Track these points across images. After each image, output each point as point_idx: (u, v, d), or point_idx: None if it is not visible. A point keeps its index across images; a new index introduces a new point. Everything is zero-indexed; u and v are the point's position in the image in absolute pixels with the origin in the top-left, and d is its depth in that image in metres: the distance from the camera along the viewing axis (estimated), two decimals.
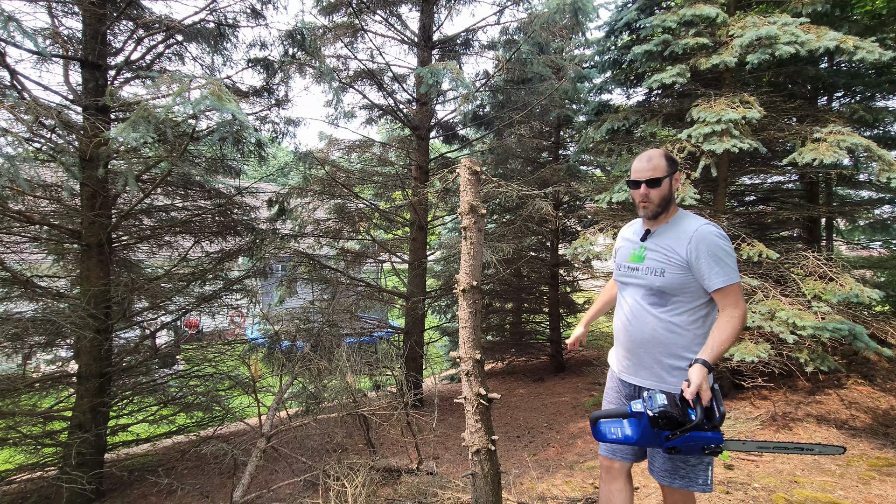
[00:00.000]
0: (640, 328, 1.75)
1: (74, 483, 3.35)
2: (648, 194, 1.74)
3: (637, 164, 1.77)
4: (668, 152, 1.77)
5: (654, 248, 1.76)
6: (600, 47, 6.08)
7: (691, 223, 1.74)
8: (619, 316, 1.87)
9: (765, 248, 4.27)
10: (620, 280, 1.89)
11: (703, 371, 1.51)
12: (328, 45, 6.22)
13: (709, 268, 1.64)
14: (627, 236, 1.93)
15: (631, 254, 1.84)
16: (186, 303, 4.83)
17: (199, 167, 4.80)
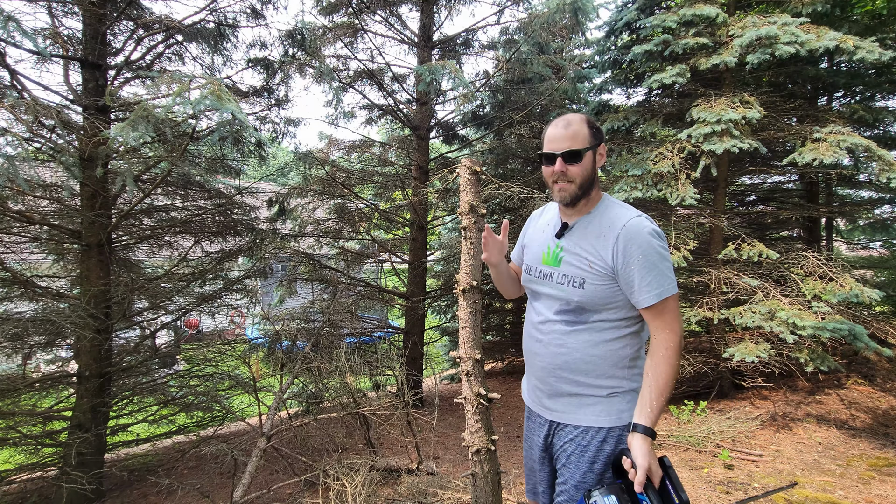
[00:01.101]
0: (554, 350, 1.38)
1: (74, 483, 3.35)
2: (567, 172, 1.33)
3: (552, 132, 1.36)
4: (591, 118, 1.38)
5: (573, 250, 1.37)
6: (600, 47, 6.08)
7: (618, 215, 1.35)
8: (529, 333, 1.49)
9: (765, 248, 4.27)
10: (529, 287, 1.50)
11: (646, 444, 1.20)
12: (328, 45, 6.22)
13: (640, 277, 1.28)
14: (539, 226, 1.54)
15: (544, 253, 1.45)
16: (186, 303, 4.83)
17: (199, 167, 4.80)
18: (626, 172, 4.79)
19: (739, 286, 4.51)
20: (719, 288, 4.73)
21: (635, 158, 4.78)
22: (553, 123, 1.38)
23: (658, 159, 4.61)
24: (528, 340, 1.50)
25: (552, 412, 1.43)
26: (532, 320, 1.48)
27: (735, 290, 4.57)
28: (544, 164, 1.39)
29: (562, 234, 1.42)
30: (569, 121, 1.35)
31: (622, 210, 1.37)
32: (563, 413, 1.40)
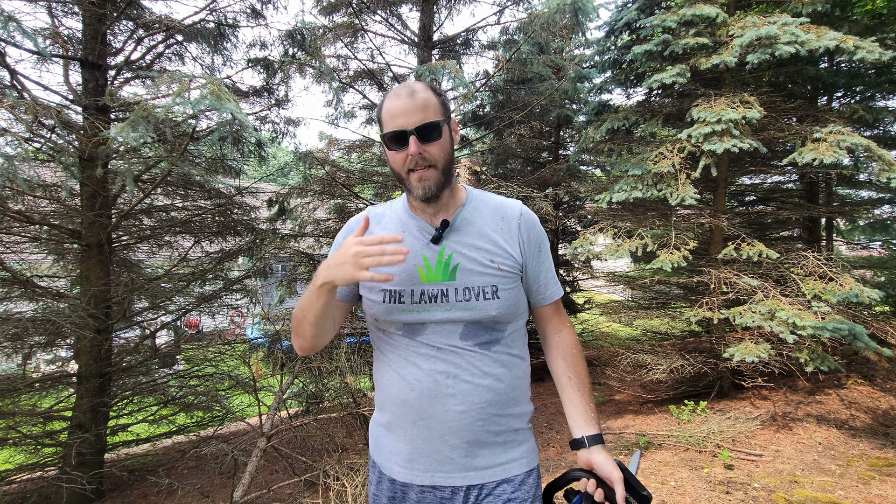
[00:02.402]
0: (479, 386, 1.04)
1: (74, 483, 3.35)
2: (425, 153, 1.02)
3: (394, 104, 1.02)
4: (432, 83, 1.11)
5: (469, 254, 1.07)
6: (600, 47, 6.08)
7: (503, 202, 1.16)
8: (419, 379, 1.05)
9: (765, 248, 4.27)
10: (399, 320, 1.06)
11: (608, 453, 1.05)
12: (328, 45, 6.21)
13: (546, 269, 1.15)
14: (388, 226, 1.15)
15: (421, 269, 1.07)
16: (186, 303, 4.83)
17: (199, 167, 4.80)
18: (626, 172, 4.79)
19: (739, 286, 4.51)
20: (719, 288, 4.73)
21: (635, 158, 4.78)
22: (392, 94, 1.04)
23: (658, 159, 4.61)
24: (420, 389, 1.04)
25: (472, 473, 1.04)
26: (418, 363, 1.05)
27: (735, 290, 4.57)
28: (392, 149, 1.04)
29: (440, 238, 1.08)
30: (412, 88, 1.03)
31: (497, 196, 1.18)
32: (490, 468, 1.04)
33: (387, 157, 1.09)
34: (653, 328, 6.69)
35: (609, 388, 6.22)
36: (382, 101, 1.07)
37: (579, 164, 8.22)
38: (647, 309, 6.10)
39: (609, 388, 6.24)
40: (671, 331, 6.59)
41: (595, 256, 5.53)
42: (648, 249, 4.59)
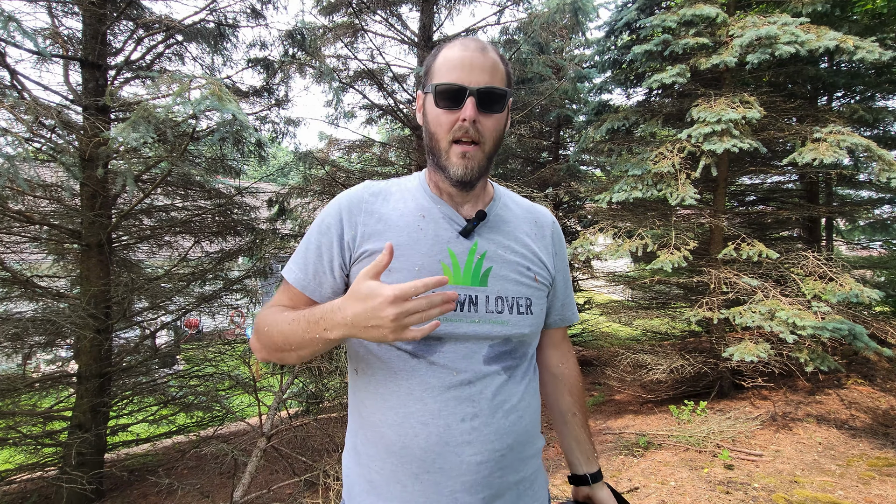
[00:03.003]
0: (502, 424, 0.84)
1: (74, 483, 3.35)
2: (480, 124, 0.83)
3: (458, 54, 0.83)
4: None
5: (505, 256, 0.90)
6: (600, 47, 6.08)
7: (533, 205, 1.03)
8: (409, 427, 0.83)
9: (765, 248, 4.27)
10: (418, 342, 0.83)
11: (609, 491, 1.01)
12: (328, 45, 6.21)
13: (570, 288, 1.06)
14: (406, 221, 0.89)
15: (447, 267, 0.86)
16: (186, 303, 4.83)
17: (199, 167, 4.81)
18: (626, 172, 4.79)
19: (739, 286, 4.51)
20: (719, 288, 4.73)
21: (635, 158, 4.78)
22: (457, 43, 0.86)
23: (658, 159, 4.61)
24: (428, 434, 0.82)
25: None
26: (426, 398, 0.82)
27: (735, 289, 4.57)
28: (441, 106, 0.83)
29: (471, 232, 0.88)
30: (483, 45, 0.85)
31: (525, 199, 1.04)
32: None
33: (426, 117, 0.87)
34: (653, 328, 6.69)
35: (609, 388, 6.22)
36: (438, 51, 0.88)
37: (579, 164, 8.22)
38: (647, 309, 6.10)
39: (609, 388, 6.24)
40: (671, 331, 6.59)
41: (595, 256, 5.53)
42: (648, 249, 4.59)
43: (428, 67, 0.88)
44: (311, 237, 0.90)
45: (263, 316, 0.88)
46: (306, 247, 0.91)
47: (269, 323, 0.86)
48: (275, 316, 0.86)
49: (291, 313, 0.83)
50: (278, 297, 0.93)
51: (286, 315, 0.84)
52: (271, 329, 0.84)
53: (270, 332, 0.85)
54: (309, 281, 0.89)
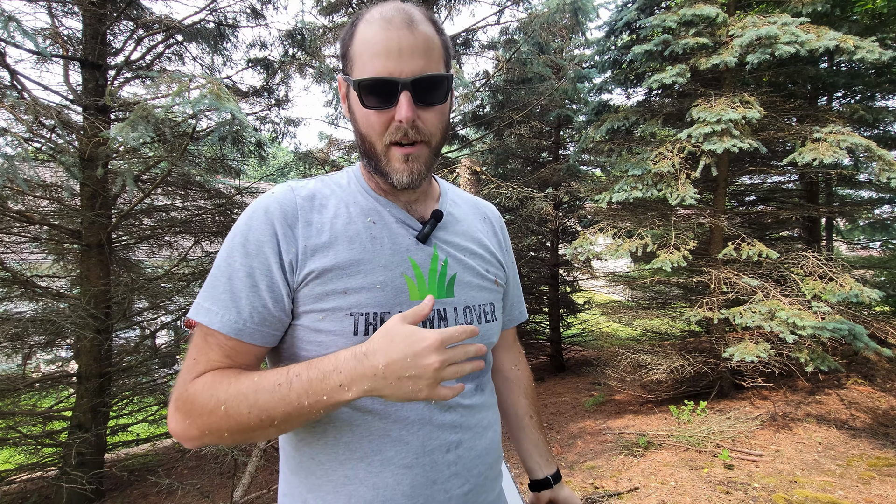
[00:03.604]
0: (470, 466, 0.75)
1: (74, 483, 3.35)
2: (420, 121, 0.69)
3: (381, 35, 0.66)
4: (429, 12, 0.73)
5: (464, 259, 0.79)
6: (600, 47, 6.08)
7: (477, 198, 0.94)
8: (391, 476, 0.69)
9: (765, 248, 4.27)
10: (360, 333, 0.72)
11: (569, 490, 0.97)
12: (328, 45, 6.22)
13: (518, 284, 0.97)
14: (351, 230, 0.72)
15: (411, 280, 0.73)
16: (186, 303, 4.83)
17: (199, 167, 4.81)
18: (626, 172, 4.79)
19: (739, 286, 4.51)
20: (719, 288, 4.73)
21: (635, 158, 4.78)
22: (377, 15, 0.67)
23: (658, 159, 4.61)
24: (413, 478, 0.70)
25: None
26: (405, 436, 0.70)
27: (735, 289, 4.57)
28: (369, 105, 0.68)
29: (429, 236, 0.76)
30: (409, 14, 0.67)
31: (465, 191, 0.93)
32: None
33: (353, 114, 0.72)
34: (653, 328, 6.69)
35: (609, 388, 6.22)
36: (355, 23, 0.70)
37: (579, 164, 8.22)
38: (647, 309, 6.10)
39: (609, 388, 6.24)
40: (671, 331, 6.59)
41: (595, 256, 5.53)
42: (648, 249, 4.59)
43: (345, 48, 0.70)
44: (232, 262, 0.66)
45: (204, 390, 0.62)
46: (229, 276, 0.65)
47: (223, 397, 0.60)
48: (229, 386, 0.61)
49: (265, 376, 0.61)
50: (204, 355, 0.65)
51: (253, 380, 0.61)
52: (232, 405, 0.60)
53: (231, 410, 0.60)
54: (245, 322, 0.65)
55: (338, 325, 0.67)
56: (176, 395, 0.64)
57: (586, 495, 3.13)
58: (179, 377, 0.65)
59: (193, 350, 0.66)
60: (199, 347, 0.66)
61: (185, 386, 0.64)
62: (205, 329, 0.66)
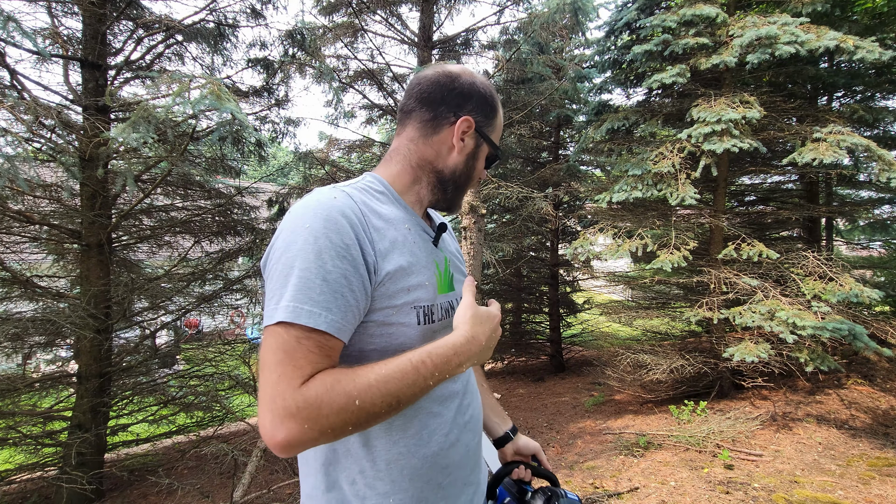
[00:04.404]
0: (479, 414, 0.94)
1: (74, 483, 3.35)
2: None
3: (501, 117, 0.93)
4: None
5: (454, 259, 0.97)
6: (600, 47, 6.08)
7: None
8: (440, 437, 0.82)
9: (765, 248, 4.27)
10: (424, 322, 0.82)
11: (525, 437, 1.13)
12: (328, 45, 6.22)
13: None
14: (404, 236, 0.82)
15: (437, 277, 0.86)
16: (186, 303, 4.83)
17: (199, 167, 4.81)
18: (626, 172, 4.79)
19: (739, 286, 4.51)
20: (719, 288, 4.73)
21: (635, 158, 4.79)
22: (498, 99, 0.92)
23: (658, 159, 4.61)
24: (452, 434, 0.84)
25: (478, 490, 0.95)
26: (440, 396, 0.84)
27: (735, 290, 4.57)
28: (487, 166, 0.93)
29: (438, 242, 0.90)
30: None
31: None
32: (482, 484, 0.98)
33: (471, 160, 0.89)
34: (653, 328, 6.69)
35: (609, 388, 6.22)
36: (494, 99, 0.89)
37: (579, 164, 8.22)
38: (647, 309, 6.11)
39: (609, 388, 6.24)
40: (671, 331, 6.59)
41: (595, 256, 5.53)
42: (648, 249, 4.59)
43: (487, 106, 0.88)
44: (324, 264, 0.68)
45: (331, 390, 0.64)
46: (323, 278, 0.68)
47: (354, 393, 0.65)
48: (354, 381, 0.66)
49: (388, 366, 0.69)
50: (304, 359, 0.65)
51: (377, 372, 0.68)
52: (365, 398, 0.65)
53: (365, 402, 0.65)
54: (344, 321, 0.70)
55: (406, 318, 0.78)
56: (286, 404, 0.62)
57: (586, 495, 3.13)
58: (276, 386, 0.63)
59: (285, 355, 0.65)
60: (294, 351, 0.65)
61: (294, 392, 0.62)
62: (300, 331, 0.66)
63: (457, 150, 0.86)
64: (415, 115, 0.86)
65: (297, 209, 0.73)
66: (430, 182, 0.89)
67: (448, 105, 0.85)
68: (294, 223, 0.71)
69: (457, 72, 0.87)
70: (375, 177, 0.87)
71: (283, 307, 0.66)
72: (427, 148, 0.86)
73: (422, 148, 0.86)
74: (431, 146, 0.86)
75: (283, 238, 0.71)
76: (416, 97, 0.86)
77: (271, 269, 0.70)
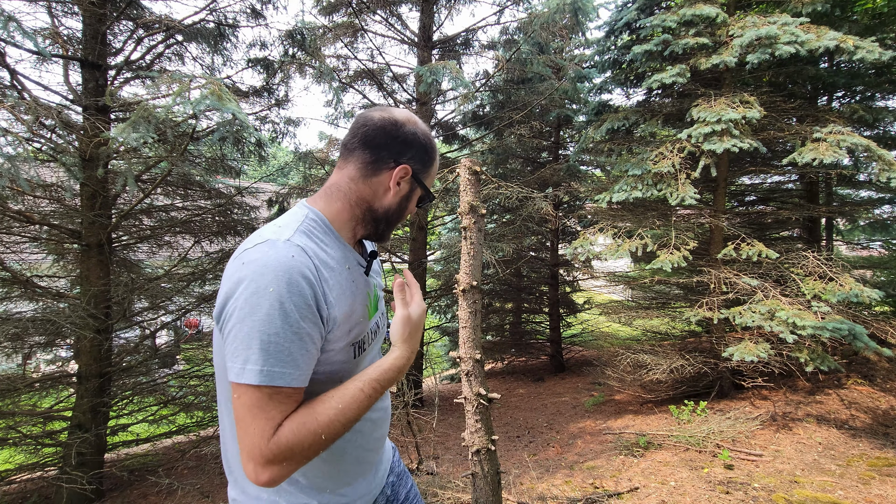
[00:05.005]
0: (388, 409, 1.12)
1: (74, 483, 3.35)
2: None
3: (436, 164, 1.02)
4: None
5: (377, 279, 1.08)
6: (600, 47, 6.08)
7: None
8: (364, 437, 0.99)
9: (765, 248, 4.27)
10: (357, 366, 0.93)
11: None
12: (328, 45, 6.22)
13: None
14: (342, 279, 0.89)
15: (368, 306, 0.96)
16: (186, 303, 4.83)
17: (199, 167, 4.81)
18: (626, 172, 4.79)
19: (739, 286, 4.51)
20: (719, 288, 4.73)
21: (635, 158, 4.79)
22: (434, 147, 0.99)
23: (658, 159, 4.61)
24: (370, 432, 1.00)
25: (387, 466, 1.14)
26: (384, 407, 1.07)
27: (735, 289, 4.57)
28: (418, 206, 1.01)
29: (369, 270, 1.00)
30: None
31: None
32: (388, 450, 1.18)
33: (405, 202, 0.96)
34: (653, 328, 6.70)
35: (609, 388, 6.22)
36: (433, 148, 0.97)
37: (579, 164, 8.23)
38: (647, 309, 6.11)
39: (609, 388, 6.25)
40: (671, 331, 6.59)
41: (595, 256, 5.53)
42: (648, 249, 4.59)
43: (425, 155, 0.95)
44: (292, 326, 0.75)
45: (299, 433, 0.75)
46: (291, 339, 0.76)
47: (319, 430, 0.77)
48: (316, 419, 0.77)
49: (343, 398, 0.81)
50: (275, 410, 0.74)
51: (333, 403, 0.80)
52: (329, 430, 0.78)
53: (329, 434, 0.78)
54: (308, 371, 0.80)
55: (345, 356, 0.89)
56: (264, 453, 0.73)
57: (587, 495, 3.13)
58: (253, 439, 0.73)
59: (259, 411, 0.74)
60: (267, 406, 0.74)
61: (269, 441, 0.73)
62: (272, 389, 0.74)
63: (392, 192, 0.93)
64: (357, 154, 0.91)
65: (255, 267, 0.75)
66: (364, 218, 0.95)
67: (389, 151, 0.91)
68: (257, 284, 0.74)
69: (402, 119, 0.92)
70: (318, 214, 0.91)
71: (254, 371, 0.73)
72: (366, 187, 0.91)
73: (361, 187, 0.91)
74: (370, 186, 0.91)
75: (244, 298, 0.74)
76: (360, 138, 0.91)
77: (235, 328, 0.75)
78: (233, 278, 0.76)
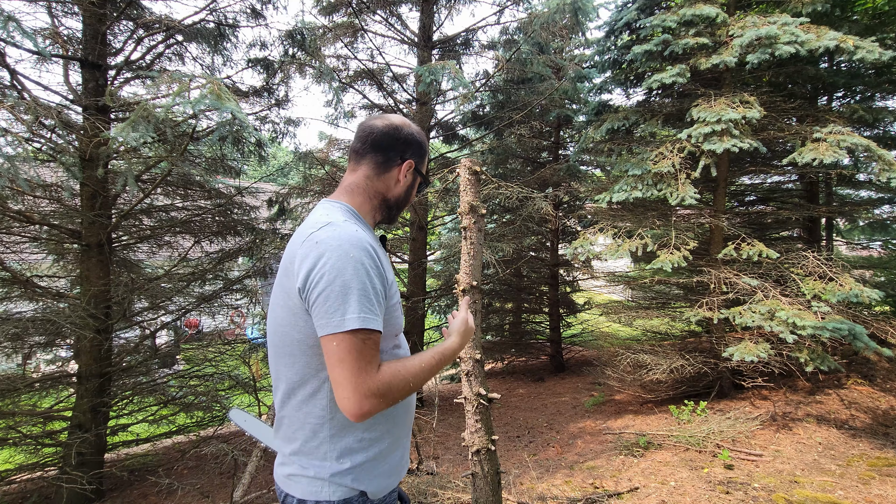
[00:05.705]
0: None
1: (74, 483, 3.35)
2: None
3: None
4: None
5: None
6: (600, 47, 6.08)
7: None
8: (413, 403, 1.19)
9: (765, 248, 4.27)
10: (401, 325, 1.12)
11: None
12: (328, 45, 6.22)
13: None
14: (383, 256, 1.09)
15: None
16: (186, 303, 4.83)
17: (199, 167, 4.80)
18: (626, 172, 4.79)
19: (739, 286, 4.51)
20: (719, 288, 4.73)
21: (635, 158, 4.78)
22: (428, 144, 1.20)
23: (658, 159, 4.61)
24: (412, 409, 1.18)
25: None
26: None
27: (735, 289, 4.57)
28: (419, 192, 1.22)
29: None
30: None
31: None
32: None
33: (408, 189, 1.17)
34: (653, 328, 6.69)
35: (609, 388, 6.22)
36: (425, 141, 1.19)
37: (579, 164, 8.22)
38: (647, 309, 6.10)
39: (609, 388, 6.25)
40: (671, 331, 6.59)
41: (595, 256, 5.53)
42: (648, 249, 4.59)
43: (421, 150, 1.17)
44: (372, 282, 0.94)
45: (396, 376, 0.93)
46: (373, 293, 0.94)
47: (409, 378, 0.96)
48: (406, 369, 0.97)
49: (423, 360, 1.02)
50: (371, 353, 0.92)
51: (416, 363, 1.00)
52: (414, 381, 0.97)
53: (414, 384, 0.97)
54: (382, 325, 0.98)
55: (399, 311, 1.09)
56: (369, 384, 0.89)
57: (587, 495, 3.13)
58: (359, 375, 0.88)
59: (358, 353, 0.89)
60: (364, 348, 0.90)
61: (374, 378, 0.90)
62: (364, 334, 0.90)
63: (402, 183, 1.15)
64: (369, 157, 1.11)
65: (331, 241, 0.93)
66: (380, 207, 1.16)
67: (395, 150, 1.12)
68: (339, 252, 0.92)
69: (399, 124, 1.13)
70: (348, 206, 1.09)
71: (353, 318, 0.89)
72: (380, 183, 1.12)
73: (376, 183, 1.12)
74: (383, 181, 1.12)
75: (331, 264, 0.90)
76: (370, 144, 1.11)
77: (326, 289, 0.89)
78: (311, 255, 0.92)
